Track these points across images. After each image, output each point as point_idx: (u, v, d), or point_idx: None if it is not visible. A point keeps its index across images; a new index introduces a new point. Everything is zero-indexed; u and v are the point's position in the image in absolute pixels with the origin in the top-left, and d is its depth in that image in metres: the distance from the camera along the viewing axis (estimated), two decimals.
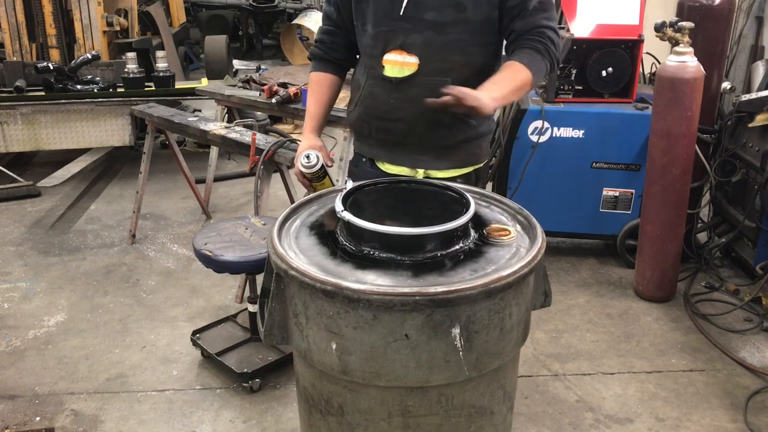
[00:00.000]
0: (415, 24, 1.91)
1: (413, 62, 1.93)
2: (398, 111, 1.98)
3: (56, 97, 4.90)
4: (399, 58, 1.94)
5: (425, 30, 1.90)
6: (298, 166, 2.05)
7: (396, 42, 1.94)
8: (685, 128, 3.25)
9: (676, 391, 2.85)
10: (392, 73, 1.96)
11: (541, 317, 3.34)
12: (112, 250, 4.16)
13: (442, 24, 1.90)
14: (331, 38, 2.14)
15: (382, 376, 1.43)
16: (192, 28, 9.98)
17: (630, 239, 3.79)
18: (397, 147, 2.04)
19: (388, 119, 2.01)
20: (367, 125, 2.08)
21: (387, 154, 2.08)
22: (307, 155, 2.02)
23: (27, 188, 5.03)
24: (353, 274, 1.45)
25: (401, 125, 1.99)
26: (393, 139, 2.03)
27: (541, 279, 1.68)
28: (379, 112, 2.02)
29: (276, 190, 4.20)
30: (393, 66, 1.95)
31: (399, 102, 1.97)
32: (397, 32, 1.93)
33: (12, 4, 5.44)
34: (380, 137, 2.06)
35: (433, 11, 1.89)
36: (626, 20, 3.64)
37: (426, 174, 2.03)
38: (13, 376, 2.94)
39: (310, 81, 2.20)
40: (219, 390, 2.86)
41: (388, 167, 2.09)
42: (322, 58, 2.17)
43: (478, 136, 2.04)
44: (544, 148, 3.70)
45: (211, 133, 3.71)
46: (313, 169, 2.02)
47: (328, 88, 2.17)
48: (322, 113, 2.17)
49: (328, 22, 2.15)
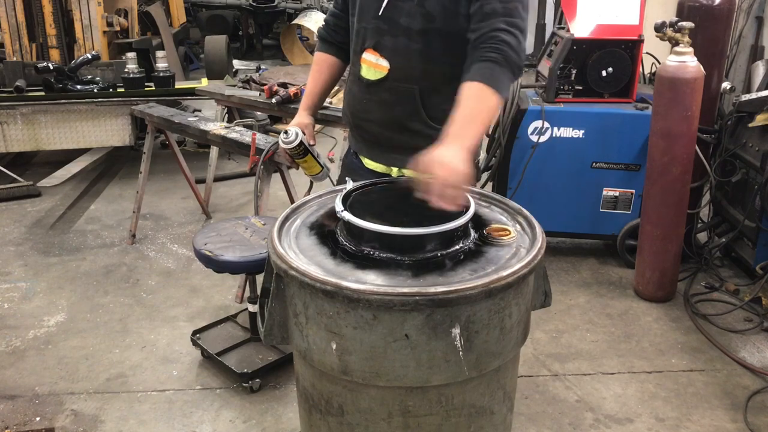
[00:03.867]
0: (391, 26, 1.90)
1: (384, 66, 1.93)
2: (370, 112, 2.00)
3: (56, 97, 4.90)
4: (373, 59, 1.95)
5: (399, 35, 1.90)
6: (279, 141, 2.10)
7: (371, 41, 1.94)
8: (685, 128, 3.25)
9: (676, 391, 2.85)
10: (366, 74, 1.97)
11: (541, 317, 3.34)
12: (112, 250, 4.17)
13: (413, 31, 1.88)
14: (335, 21, 2.16)
15: (382, 376, 1.43)
16: (192, 28, 9.98)
17: (630, 239, 3.79)
18: (373, 144, 2.07)
19: (362, 119, 2.04)
20: (348, 120, 2.12)
21: (366, 150, 2.10)
22: (286, 131, 2.07)
23: (27, 188, 5.03)
24: (353, 274, 1.45)
25: (373, 126, 2.01)
26: (368, 137, 2.05)
27: (541, 279, 1.68)
28: (355, 109, 2.05)
29: (276, 190, 4.20)
30: (368, 67, 1.96)
31: (370, 104, 1.99)
32: (374, 32, 1.93)
33: (12, 4, 5.44)
34: (359, 133, 2.09)
35: (406, 17, 1.88)
36: (626, 20, 3.64)
37: (400, 173, 2.04)
38: (13, 376, 2.94)
39: (313, 61, 2.22)
40: (219, 390, 2.86)
41: (367, 162, 2.11)
42: (325, 39, 2.19)
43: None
44: (544, 148, 3.70)
45: (211, 133, 3.72)
46: (291, 145, 2.06)
47: (327, 68, 2.18)
48: (318, 92, 2.19)
49: (335, 4, 2.18)
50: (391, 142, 2.01)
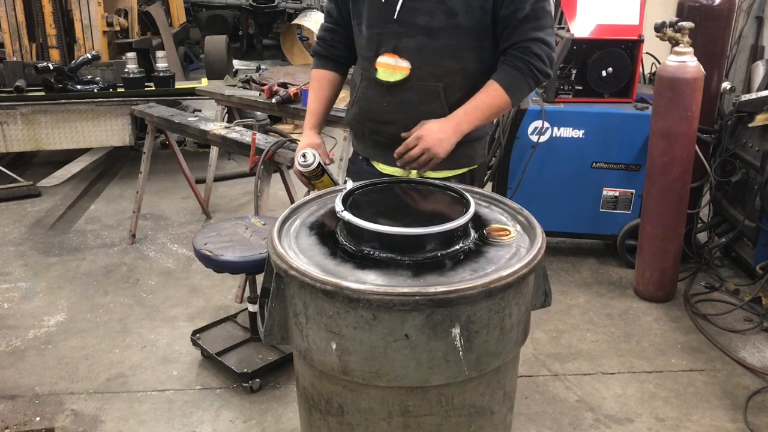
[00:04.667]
0: (408, 28, 1.91)
1: (405, 67, 1.93)
2: (390, 114, 1.99)
3: (56, 97, 4.90)
4: (391, 61, 1.94)
5: (418, 35, 1.90)
6: (296, 165, 2.07)
7: (389, 45, 1.94)
8: (685, 128, 3.25)
9: (676, 391, 2.85)
10: (384, 77, 1.96)
11: (541, 317, 3.34)
12: (112, 250, 4.17)
13: (434, 29, 1.89)
14: (331, 35, 2.15)
15: (382, 376, 1.43)
16: (192, 28, 9.98)
17: (630, 239, 3.79)
18: (390, 148, 2.04)
19: (380, 122, 2.02)
20: (361, 126, 2.09)
21: (381, 155, 2.08)
22: (303, 154, 2.03)
23: (27, 188, 5.03)
24: (353, 274, 1.45)
25: (393, 128, 1.99)
26: (386, 140, 2.03)
27: (541, 279, 1.68)
28: (372, 114, 2.03)
29: (276, 190, 4.20)
30: (386, 69, 1.95)
31: (391, 106, 1.98)
32: (390, 35, 1.93)
33: (12, 4, 5.44)
34: (374, 138, 2.07)
35: (425, 16, 1.88)
36: (626, 20, 3.64)
37: (419, 175, 2.03)
38: (13, 376, 2.94)
39: (312, 78, 2.21)
40: (219, 390, 2.86)
41: (382, 167, 2.10)
42: (322, 55, 2.18)
43: (471, 140, 2.00)
44: (544, 148, 3.70)
45: (211, 133, 3.72)
46: (310, 168, 2.03)
47: (328, 84, 2.17)
48: (322, 110, 2.17)
49: (329, 19, 2.16)
50: None
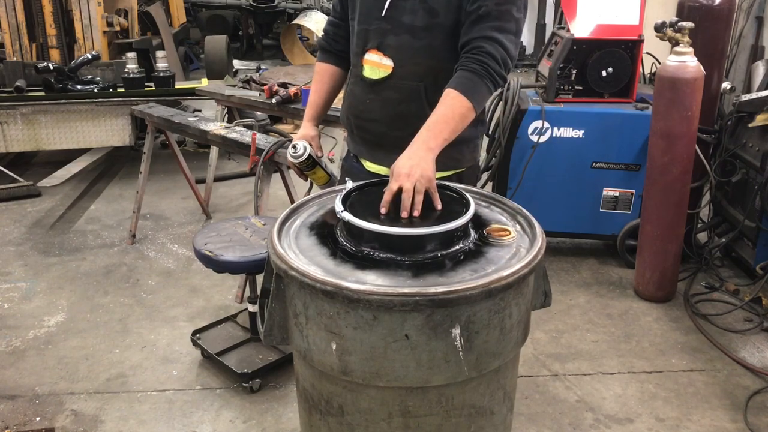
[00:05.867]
0: (394, 26, 1.92)
1: (388, 65, 1.94)
2: (373, 112, 2.01)
3: (56, 97, 4.90)
4: (376, 59, 1.96)
5: (402, 33, 1.91)
6: (288, 155, 2.10)
7: (374, 42, 1.95)
8: (685, 128, 3.25)
9: (676, 391, 2.85)
10: (369, 74, 1.98)
11: (541, 317, 3.34)
12: (112, 250, 4.17)
13: (417, 28, 1.90)
14: (334, 30, 2.17)
15: (382, 376, 1.43)
16: (192, 28, 9.99)
17: (630, 239, 3.79)
18: (376, 146, 2.06)
19: (365, 119, 2.04)
20: (349, 122, 2.12)
21: (368, 152, 2.10)
22: (294, 145, 2.07)
23: (27, 188, 5.03)
24: (353, 274, 1.45)
25: (377, 126, 2.01)
26: (371, 138, 2.05)
27: (541, 279, 1.68)
28: (357, 111, 2.06)
29: (276, 190, 4.20)
30: (371, 67, 1.97)
31: (374, 103, 2.00)
32: (377, 32, 1.95)
33: (12, 4, 5.44)
34: (361, 135, 2.09)
35: (409, 15, 1.90)
36: (626, 20, 3.64)
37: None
38: (13, 376, 2.94)
39: (315, 71, 2.23)
40: (219, 390, 2.86)
41: (369, 165, 2.11)
42: (325, 49, 2.20)
43: (457, 142, 1.92)
44: (544, 148, 3.70)
45: (211, 133, 3.72)
46: (300, 159, 2.06)
47: (329, 78, 2.19)
48: (322, 102, 2.19)
49: (333, 13, 2.19)
50: (395, 142, 1.98)
